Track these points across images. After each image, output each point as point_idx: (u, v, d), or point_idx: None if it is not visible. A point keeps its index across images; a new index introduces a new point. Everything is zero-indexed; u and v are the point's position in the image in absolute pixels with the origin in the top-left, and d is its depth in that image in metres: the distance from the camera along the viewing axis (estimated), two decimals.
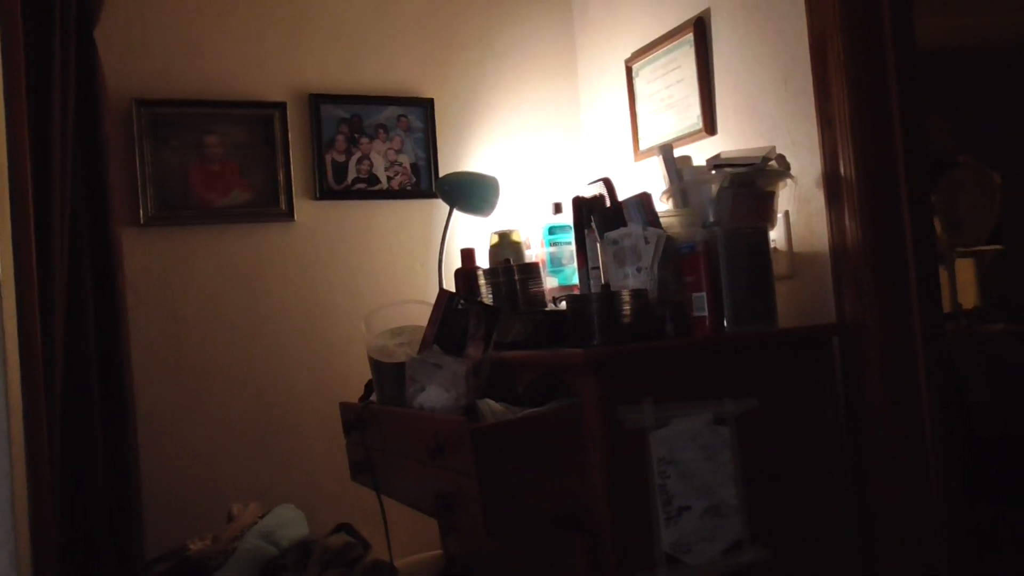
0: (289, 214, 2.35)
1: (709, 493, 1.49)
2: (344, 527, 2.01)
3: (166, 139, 2.25)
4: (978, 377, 3.68)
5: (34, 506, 1.47)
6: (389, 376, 1.69)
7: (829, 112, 1.73)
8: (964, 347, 3.81)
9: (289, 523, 1.96)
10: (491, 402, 1.46)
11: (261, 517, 1.97)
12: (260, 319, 2.32)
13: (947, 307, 4.47)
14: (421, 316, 1.72)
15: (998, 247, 4.74)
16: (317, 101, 2.39)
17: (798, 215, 1.83)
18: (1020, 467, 3.38)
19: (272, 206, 2.34)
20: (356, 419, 1.84)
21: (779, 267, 1.82)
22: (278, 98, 2.36)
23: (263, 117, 2.34)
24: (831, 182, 1.73)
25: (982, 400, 3.60)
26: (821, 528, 1.61)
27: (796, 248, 1.84)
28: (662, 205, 1.81)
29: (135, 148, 2.21)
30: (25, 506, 1.41)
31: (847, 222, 1.70)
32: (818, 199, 1.77)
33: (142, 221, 2.21)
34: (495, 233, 2.15)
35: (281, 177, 2.34)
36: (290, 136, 2.36)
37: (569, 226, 2.02)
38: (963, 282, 4.76)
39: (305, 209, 2.37)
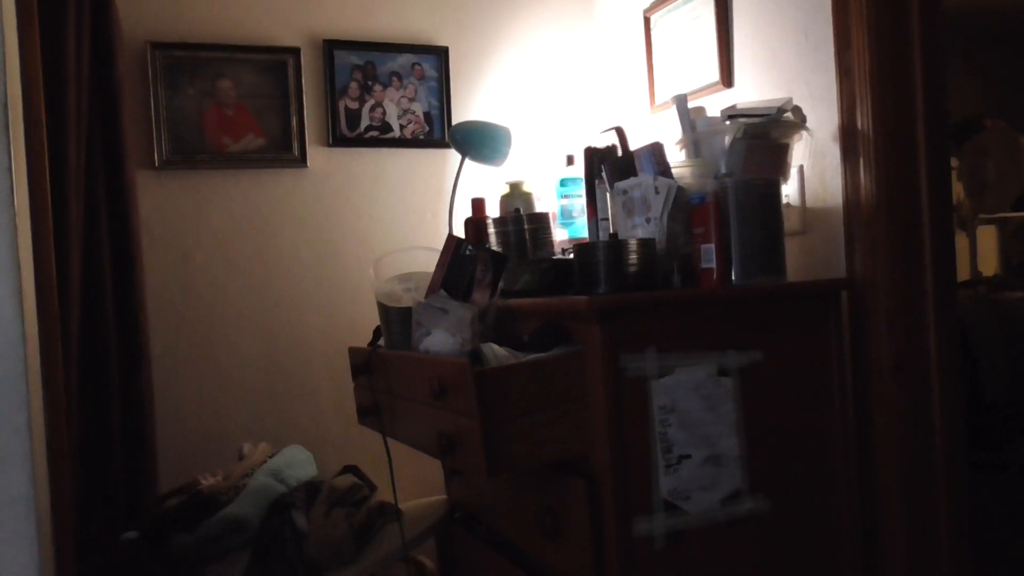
0: (302, 160, 2.35)
1: (710, 443, 1.50)
2: (351, 469, 2.05)
3: (180, 83, 2.25)
4: (993, 343, 3.64)
5: (50, 433, 1.51)
6: (396, 321, 1.71)
7: (848, 63, 1.70)
8: (981, 313, 3.77)
9: (298, 463, 2.00)
10: (495, 347, 1.47)
11: (271, 456, 2.01)
12: (271, 263, 2.34)
13: (967, 274, 4.41)
14: (430, 263, 1.72)
15: (1022, 214, 4.65)
16: (331, 47, 2.37)
17: (812, 170, 1.81)
18: None
19: (285, 152, 2.34)
20: (364, 363, 1.87)
21: (791, 222, 1.80)
22: (292, 43, 2.35)
23: (277, 62, 2.33)
24: (848, 136, 1.71)
25: (996, 366, 3.57)
26: (821, 482, 1.62)
27: (809, 203, 1.82)
28: (676, 156, 1.79)
29: (150, 91, 2.22)
30: (42, 432, 1.44)
31: (862, 177, 1.68)
32: (833, 153, 1.75)
33: (156, 164, 2.23)
34: (507, 183, 2.14)
35: (294, 123, 2.34)
36: (304, 82, 2.35)
37: (581, 179, 2.01)
38: (984, 249, 4.69)
39: (317, 155, 2.38)
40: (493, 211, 2.16)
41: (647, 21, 2.34)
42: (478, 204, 2.07)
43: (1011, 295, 4.06)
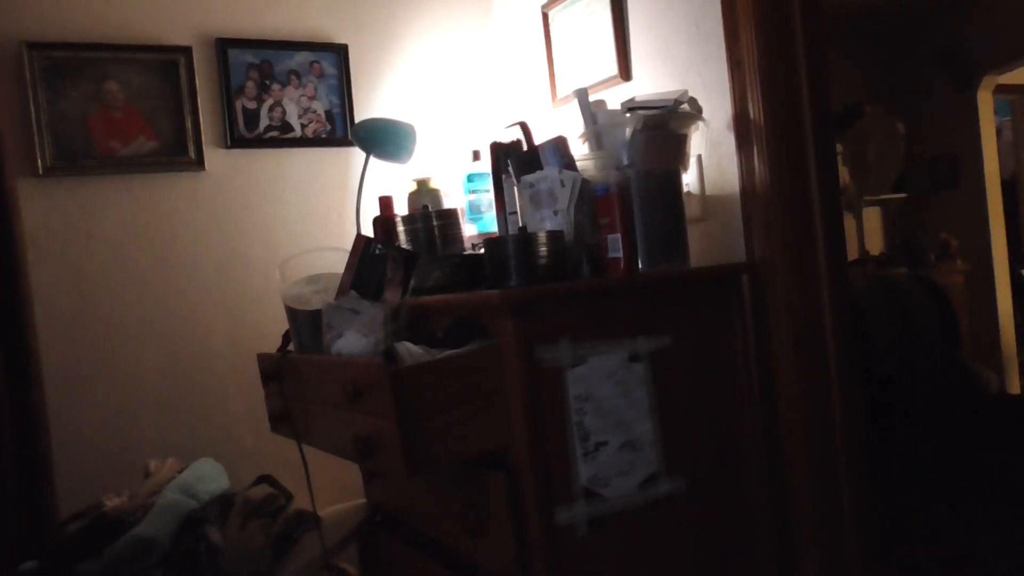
0: (199, 163, 2.26)
1: (625, 428, 1.53)
2: (265, 479, 2.00)
3: (62, 85, 2.13)
4: (882, 318, 3.86)
5: None
6: (306, 324, 1.67)
7: (738, 55, 1.76)
8: (871, 290, 3.99)
9: (209, 477, 1.93)
10: (410, 345, 1.45)
11: (180, 472, 1.94)
12: (170, 272, 2.25)
13: (855, 253, 4.65)
14: (338, 263, 1.69)
15: (902, 195, 4.94)
16: (224, 46, 2.29)
17: (710, 158, 1.87)
18: (918, 397, 3.59)
19: (180, 155, 2.25)
20: (274, 369, 1.82)
21: (692, 209, 1.86)
22: (182, 42, 2.26)
23: (167, 62, 2.24)
24: (741, 125, 1.77)
25: (885, 341, 3.79)
26: (732, 460, 1.68)
27: (708, 191, 1.89)
28: (580, 148, 1.82)
29: (28, 94, 2.09)
30: None
31: (756, 164, 1.75)
32: (729, 142, 1.81)
33: (40, 171, 2.10)
34: (414, 180, 2.13)
35: (189, 125, 2.25)
36: (197, 82, 2.26)
37: (488, 174, 2.01)
38: (870, 229, 4.97)
39: (216, 157, 2.30)
40: (401, 209, 2.14)
41: (545, 17, 2.36)
42: (385, 202, 2.05)
43: (896, 271, 4.32)
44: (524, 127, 1.85)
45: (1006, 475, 3.09)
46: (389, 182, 2.37)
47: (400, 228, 1.89)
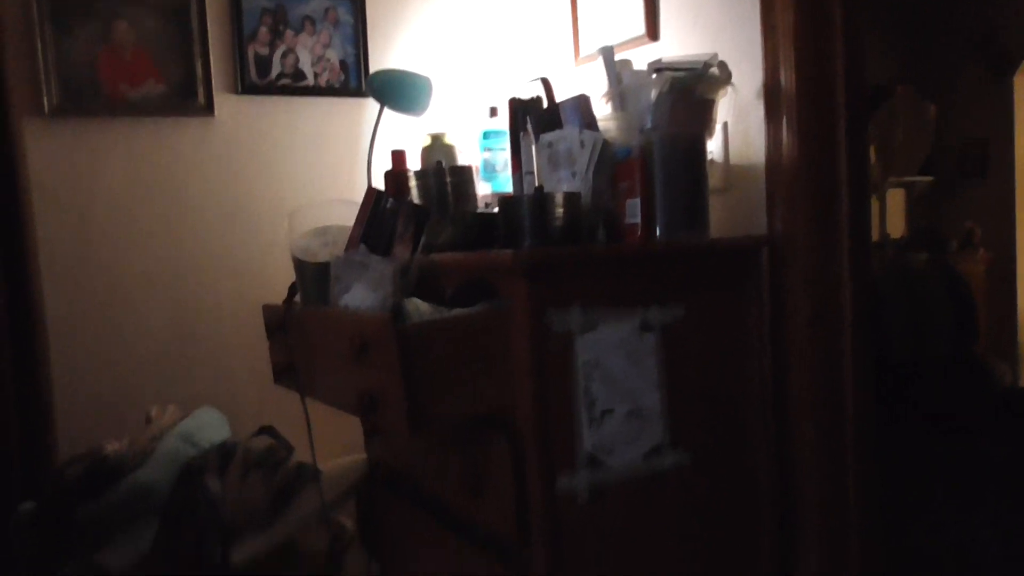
0: (208, 109, 2.21)
1: (632, 397, 1.49)
2: (267, 430, 1.98)
3: (70, 23, 2.08)
4: (898, 303, 3.80)
5: None
6: (312, 276, 1.63)
7: (772, 20, 1.69)
8: (889, 274, 3.93)
9: (210, 425, 1.92)
10: (418, 301, 1.42)
11: (181, 419, 1.92)
12: (177, 219, 2.21)
13: (876, 235, 4.57)
14: (347, 216, 1.65)
15: (929, 178, 4.84)
16: None
17: (736, 126, 1.81)
18: (929, 386, 3.55)
19: (190, 100, 2.20)
20: (279, 321, 1.79)
21: (715, 179, 1.80)
22: None
23: (179, 3, 2.18)
24: (771, 94, 1.70)
25: (900, 325, 3.73)
26: (739, 435, 1.65)
27: (732, 160, 1.82)
28: (602, 109, 1.75)
29: (36, 32, 2.04)
30: None
31: (784, 135, 1.68)
32: (757, 112, 1.74)
33: (46, 111, 2.06)
34: (428, 135, 2.07)
35: (199, 69, 2.20)
36: (209, 25, 2.20)
37: (504, 132, 1.96)
38: (893, 211, 4.88)
39: (226, 104, 2.24)
40: (414, 164, 2.09)
41: None
42: (398, 156, 1.99)
43: (916, 257, 4.24)
44: (546, 83, 1.80)
45: (1011, 469, 3.05)
46: (402, 136, 2.31)
47: (412, 183, 1.84)
